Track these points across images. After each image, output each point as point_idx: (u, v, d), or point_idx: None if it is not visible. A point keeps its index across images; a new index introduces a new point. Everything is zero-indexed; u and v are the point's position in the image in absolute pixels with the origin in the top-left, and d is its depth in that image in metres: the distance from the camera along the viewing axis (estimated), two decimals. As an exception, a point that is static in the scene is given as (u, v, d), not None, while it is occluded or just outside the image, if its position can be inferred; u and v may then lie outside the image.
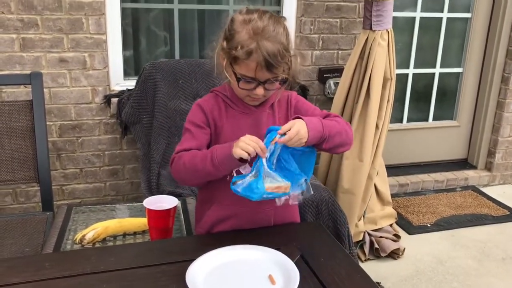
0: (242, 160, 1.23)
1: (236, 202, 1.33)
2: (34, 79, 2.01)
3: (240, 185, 1.21)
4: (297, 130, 1.23)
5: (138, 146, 2.71)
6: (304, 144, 1.25)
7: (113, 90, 2.73)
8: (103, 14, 2.59)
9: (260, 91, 1.30)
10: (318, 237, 1.40)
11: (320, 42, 3.01)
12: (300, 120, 1.27)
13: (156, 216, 1.48)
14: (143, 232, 1.63)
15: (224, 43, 1.31)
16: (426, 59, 3.50)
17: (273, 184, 1.21)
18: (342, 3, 2.97)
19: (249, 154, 1.20)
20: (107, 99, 2.70)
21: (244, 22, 1.28)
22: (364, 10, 2.55)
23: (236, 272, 1.19)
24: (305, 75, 3.04)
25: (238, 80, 1.30)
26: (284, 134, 1.22)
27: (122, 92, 2.70)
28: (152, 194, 2.19)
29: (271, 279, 1.14)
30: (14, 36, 2.48)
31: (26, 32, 2.49)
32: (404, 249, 2.70)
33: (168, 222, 1.50)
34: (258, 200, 1.20)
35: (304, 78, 3.04)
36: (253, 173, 1.21)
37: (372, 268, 2.56)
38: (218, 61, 1.34)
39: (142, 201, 1.53)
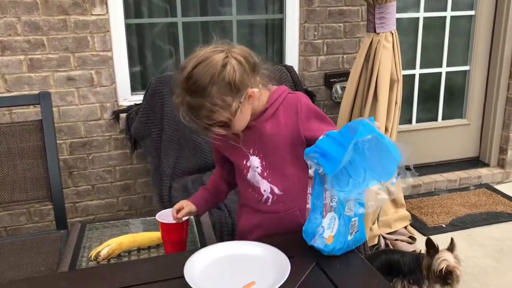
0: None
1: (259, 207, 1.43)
2: (42, 99, 2.03)
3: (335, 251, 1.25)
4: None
5: (148, 160, 2.72)
6: None
7: (121, 106, 2.75)
8: (108, 31, 2.61)
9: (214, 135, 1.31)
10: (333, 244, 1.38)
11: (325, 47, 3.01)
12: None
13: (170, 230, 1.48)
14: (157, 246, 1.63)
15: None
16: (432, 58, 3.49)
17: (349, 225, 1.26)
18: (344, 8, 2.97)
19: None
20: (116, 115, 2.71)
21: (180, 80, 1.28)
22: (367, 14, 2.55)
23: (232, 266, 1.23)
24: (311, 80, 3.04)
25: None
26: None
27: (130, 107, 2.72)
28: (165, 207, 2.19)
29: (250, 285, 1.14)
30: (21, 57, 2.51)
31: (33, 53, 2.52)
32: (420, 250, 2.67)
33: (181, 234, 1.50)
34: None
35: (311, 84, 3.04)
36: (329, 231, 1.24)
37: (389, 272, 2.54)
38: None
39: (155, 215, 1.53)
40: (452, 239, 2.07)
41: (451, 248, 2.04)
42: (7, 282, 1.29)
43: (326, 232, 1.23)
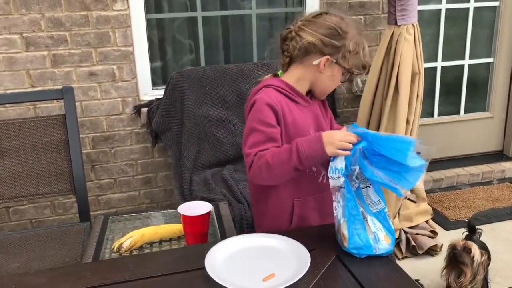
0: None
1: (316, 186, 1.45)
2: (66, 94, 2.06)
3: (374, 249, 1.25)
4: None
5: (169, 154, 2.75)
6: None
7: (142, 100, 2.78)
8: (129, 26, 2.64)
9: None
10: (353, 237, 1.38)
11: (345, 40, 2.98)
12: None
13: (192, 222, 1.50)
14: (179, 238, 1.64)
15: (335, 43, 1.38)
16: (454, 51, 3.43)
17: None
18: (365, 0, 2.94)
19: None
20: (137, 109, 2.74)
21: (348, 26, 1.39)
22: (388, 6, 2.52)
23: (252, 258, 1.25)
24: (331, 74, 3.02)
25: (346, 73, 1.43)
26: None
27: (151, 101, 2.74)
28: (185, 200, 2.22)
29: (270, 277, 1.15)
30: (45, 53, 2.56)
31: (56, 49, 2.56)
32: (442, 245, 2.64)
33: (203, 227, 1.52)
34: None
35: (331, 78, 3.02)
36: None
37: (410, 266, 2.52)
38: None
39: (176, 208, 1.55)
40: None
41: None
42: (33, 272, 1.32)
43: (380, 235, 1.24)
